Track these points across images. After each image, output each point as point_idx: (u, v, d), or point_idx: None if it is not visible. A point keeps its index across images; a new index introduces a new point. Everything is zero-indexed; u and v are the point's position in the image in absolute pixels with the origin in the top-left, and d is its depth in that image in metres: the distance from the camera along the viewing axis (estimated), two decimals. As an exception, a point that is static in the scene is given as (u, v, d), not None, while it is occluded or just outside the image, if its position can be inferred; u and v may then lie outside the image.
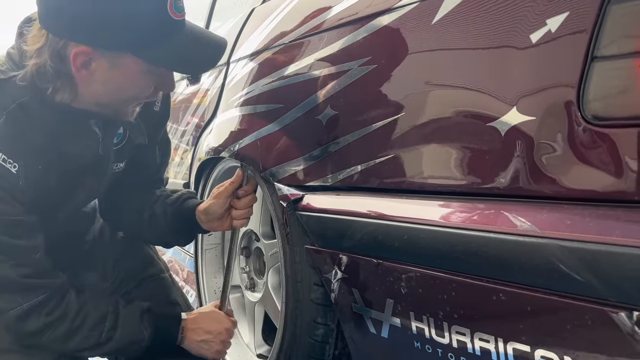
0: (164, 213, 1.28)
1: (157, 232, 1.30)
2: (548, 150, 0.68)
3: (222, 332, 1.23)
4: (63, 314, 1.10)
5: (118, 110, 1.08)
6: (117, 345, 1.15)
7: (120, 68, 0.99)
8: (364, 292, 0.98)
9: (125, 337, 1.15)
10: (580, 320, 0.64)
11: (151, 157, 1.32)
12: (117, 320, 1.15)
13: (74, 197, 1.17)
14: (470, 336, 0.78)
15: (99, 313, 1.14)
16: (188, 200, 1.30)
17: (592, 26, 0.63)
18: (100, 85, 1.01)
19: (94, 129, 1.10)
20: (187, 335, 1.21)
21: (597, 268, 0.61)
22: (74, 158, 1.09)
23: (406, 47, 0.88)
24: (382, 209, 0.90)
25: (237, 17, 1.60)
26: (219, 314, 1.26)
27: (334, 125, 1.04)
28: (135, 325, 1.16)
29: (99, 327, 1.13)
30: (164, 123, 1.32)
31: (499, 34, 0.73)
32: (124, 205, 1.33)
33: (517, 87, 0.71)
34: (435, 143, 0.84)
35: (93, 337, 1.12)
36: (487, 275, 0.73)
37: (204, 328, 1.22)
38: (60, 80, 1.00)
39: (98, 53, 0.96)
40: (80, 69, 0.98)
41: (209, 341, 1.22)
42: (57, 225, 1.15)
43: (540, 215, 0.68)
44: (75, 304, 1.12)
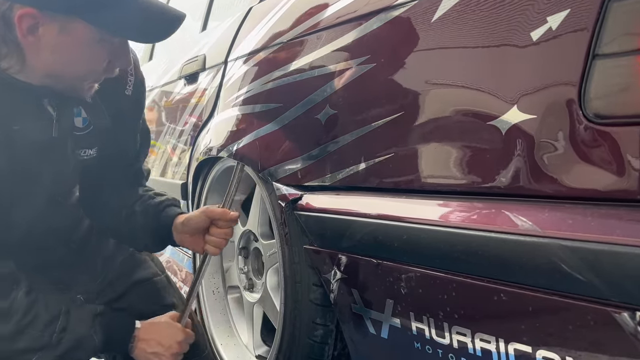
0: (143, 213, 1.23)
1: (132, 232, 1.25)
2: (549, 149, 0.68)
3: (172, 345, 1.17)
4: (9, 310, 1.04)
5: (72, 85, 1.02)
6: (67, 348, 1.08)
7: (70, 34, 0.93)
8: (363, 292, 0.97)
9: (76, 340, 1.09)
10: (582, 320, 0.64)
11: (129, 146, 1.27)
12: (68, 322, 1.09)
13: (38, 183, 1.10)
14: (471, 337, 0.77)
15: (51, 313, 1.08)
16: (171, 206, 1.25)
17: (594, 24, 0.63)
18: (49, 53, 0.95)
19: (46, 108, 1.04)
20: (138, 345, 1.15)
21: (599, 268, 0.61)
22: (24, 138, 1.02)
23: (406, 45, 0.88)
24: (382, 208, 0.90)
25: (235, 16, 1.59)
26: (173, 325, 1.20)
27: (333, 125, 1.03)
28: (86, 329, 1.10)
29: (50, 328, 1.06)
30: (139, 109, 1.26)
31: (499, 32, 0.73)
32: (102, 199, 1.28)
33: (517, 85, 0.71)
34: (435, 142, 0.83)
35: (43, 338, 1.06)
36: (488, 275, 0.73)
37: (156, 339, 1.16)
38: (6, 46, 0.94)
39: (46, 16, 0.91)
40: (26, 34, 0.92)
41: (160, 354, 1.16)
42: (33, 219, 1.10)
43: (541, 214, 0.67)
44: (24, 301, 1.05)
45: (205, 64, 1.71)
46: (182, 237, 1.21)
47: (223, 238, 1.19)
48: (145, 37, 1.06)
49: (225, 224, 1.18)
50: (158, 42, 1.03)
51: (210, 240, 1.19)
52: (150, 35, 1.02)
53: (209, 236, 1.19)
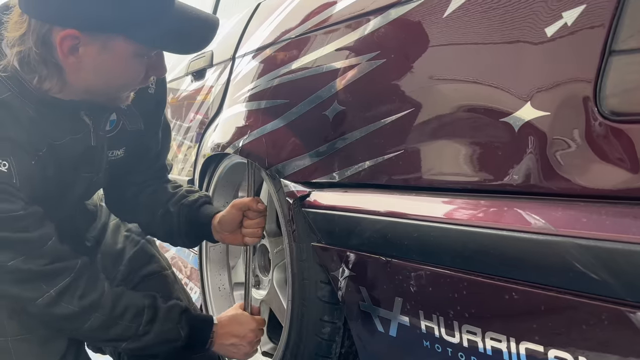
0: (177, 214, 1.27)
1: (167, 231, 1.29)
2: (563, 147, 0.67)
3: (247, 334, 1.23)
4: (98, 300, 1.09)
5: (111, 97, 1.05)
6: (152, 341, 1.13)
7: (110, 51, 0.94)
8: (372, 290, 0.97)
9: (163, 333, 1.14)
10: (595, 319, 0.63)
11: (153, 143, 1.29)
12: (156, 315, 1.14)
13: (74, 189, 1.14)
14: (481, 335, 0.77)
15: (137, 305, 1.13)
16: (205, 205, 1.29)
17: (610, 19, 0.62)
18: (89, 71, 0.97)
19: (83, 119, 1.07)
20: (216, 340, 1.21)
21: (614, 267, 0.60)
22: (66, 150, 1.06)
23: (416, 41, 0.87)
24: (392, 206, 0.89)
25: (243, 12, 1.59)
26: (244, 315, 1.26)
27: (341, 121, 1.02)
28: (173, 323, 1.16)
29: (138, 319, 1.12)
30: (162, 106, 1.29)
31: (512, 27, 0.72)
32: (128, 195, 1.31)
33: (531, 82, 0.70)
34: (445, 139, 0.82)
35: (132, 328, 1.12)
36: (500, 273, 0.72)
37: (232, 332, 1.22)
38: (47, 68, 0.96)
39: (86, 36, 0.92)
40: (67, 55, 0.93)
41: (237, 344, 1.22)
42: (61, 219, 1.13)
43: (555, 212, 0.66)
44: (110, 292, 1.12)
45: (212, 60, 1.71)
46: (222, 236, 1.27)
47: (258, 227, 1.25)
48: (183, 49, 1.09)
49: (255, 215, 1.24)
50: (196, 52, 1.06)
51: (248, 233, 1.25)
52: (189, 46, 1.04)
53: (245, 229, 1.25)
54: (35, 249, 1.03)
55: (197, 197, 1.30)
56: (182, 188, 1.34)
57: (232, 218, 1.23)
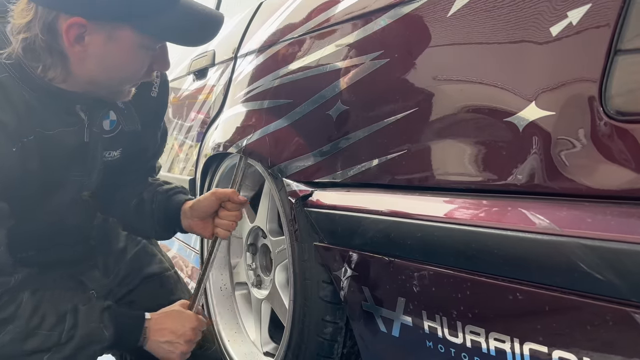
0: (151, 200, 1.24)
1: (141, 220, 1.25)
2: (568, 147, 0.66)
3: (186, 332, 1.15)
4: (15, 311, 1.02)
5: (113, 90, 1.04)
6: (77, 346, 1.07)
7: (116, 41, 0.94)
8: (374, 290, 0.96)
9: (86, 336, 1.07)
10: (600, 320, 0.63)
11: (150, 144, 1.28)
12: (77, 319, 1.07)
13: (64, 188, 1.12)
14: (485, 336, 0.76)
15: (58, 312, 1.06)
16: (179, 194, 1.26)
17: (616, 19, 0.61)
18: (94, 61, 0.96)
19: (79, 114, 1.06)
20: (150, 337, 1.14)
21: (619, 267, 0.59)
22: (55, 143, 1.03)
23: (420, 40, 0.86)
24: (395, 205, 0.89)
25: (245, 12, 1.58)
26: (184, 313, 1.19)
27: (344, 121, 1.02)
28: (95, 324, 1.09)
29: (59, 327, 1.05)
30: (163, 110, 1.28)
31: (517, 27, 0.72)
32: (117, 193, 1.30)
33: (536, 81, 0.70)
34: (449, 139, 0.82)
35: (53, 338, 1.04)
36: (504, 274, 0.72)
37: (168, 328, 1.14)
38: (52, 56, 0.95)
39: (93, 25, 0.92)
40: (73, 43, 0.93)
41: (173, 342, 1.14)
42: (52, 218, 1.12)
43: (559, 212, 0.66)
44: (30, 302, 1.04)
45: (214, 60, 1.71)
46: (191, 223, 1.21)
47: (232, 220, 1.19)
48: (188, 41, 1.07)
49: (234, 207, 1.19)
50: (201, 45, 1.06)
51: (220, 224, 1.19)
52: (193, 39, 1.04)
53: (218, 219, 1.19)
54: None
55: (172, 186, 1.27)
56: (159, 180, 1.31)
57: (208, 204, 1.18)
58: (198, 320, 1.19)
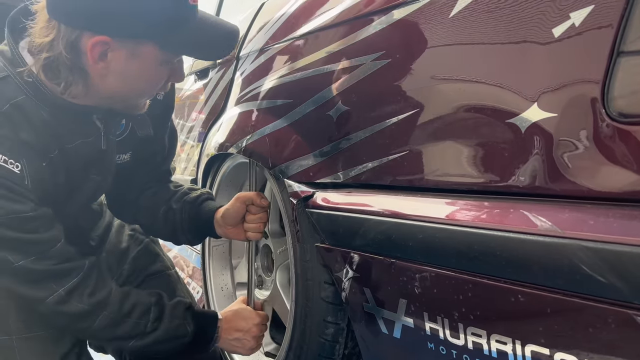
0: (180, 210, 1.28)
1: (170, 228, 1.29)
2: (570, 148, 0.66)
3: (251, 328, 1.23)
4: (107, 297, 1.10)
5: (130, 103, 1.06)
6: (160, 338, 1.14)
7: (138, 58, 0.96)
8: (376, 291, 0.96)
9: (170, 329, 1.15)
10: (602, 323, 0.62)
11: (159, 148, 1.30)
12: (162, 312, 1.15)
13: (82, 192, 1.15)
14: (486, 338, 0.76)
15: (144, 302, 1.14)
16: (208, 201, 1.30)
17: (619, 20, 0.61)
18: (115, 77, 0.98)
19: (95, 123, 1.08)
20: (222, 335, 1.21)
21: (622, 269, 0.59)
22: (77, 154, 1.07)
23: (422, 41, 0.86)
24: (396, 206, 0.89)
25: (247, 12, 1.58)
26: (248, 310, 1.27)
27: (345, 121, 1.02)
28: (180, 320, 1.17)
29: (146, 316, 1.13)
30: (169, 112, 1.30)
31: (519, 28, 0.71)
32: (130, 198, 1.32)
33: (538, 83, 0.69)
34: (451, 140, 0.82)
35: (140, 325, 1.12)
36: (506, 276, 0.71)
37: (236, 326, 1.23)
38: (73, 74, 0.97)
39: (117, 42, 0.93)
40: (97, 61, 0.94)
41: (241, 339, 1.23)
42: (67, 220, 1.14)
43: (561, 214, 0.66)
44: (118, 290, 1.12)
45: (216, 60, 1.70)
46: (225, 230, 1.27)
47: (260, 222, 1.25)
48: (207, 55, 1.12)
49: (258, 210, 1.24)
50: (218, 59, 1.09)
51: (250, 228, 1.26)
52: (213, 53, 1.07)
53: (247, 224, 1.26)
54: (45, 250, 1.03)
55: (199, 193, 1.31)
56: (184, 186, 1.35)
57: (236, 211, 1.24)
58: (260, 316, 1.26)
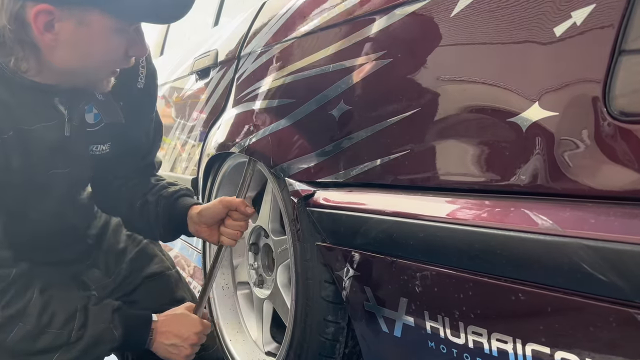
0: (155, 203, 1.22)
1: (145, 222, 1.24)
2: (572, 147, 0.66)
3: (190, 336, 1.17)
4: (24, 309, 1.02)
5: (90, 79, 1.02)
6: (86, 345, 1.07)
7: (87, 26, 0.91)
8: (376, 290, 0.96)
9: (96, 336, 1.08)
10: (603, 321, 0.63)
11: (142, 140, 1.26)
12: (87, 319, 1.08)
13: (52, 183, 1.10)
14: (487, 336, 0.76)
15: (67, 310, 1.06)
16: (185, 197, 1.24)
17: (620, 19, 0.61)
18: (67, 48, 0.93)
19: (58, 107, 1.03)
20: (157, 338, 1.15)
21: (623, 268, 0.59)
22: (36, 138, 1.01)
23: (423, 40, 0.86)
24: (398, 206, 0.89)
25: (248, 11, 1.58)
26: (190, 317, 1.20)
27: (347, 121, 1.02)
28: (105, 324, 1.10)
29: (68, 326, 1.05)
30: (152, 102, 1.25)
31: (521, 27, 0.71)
32: (113, 190, 1.28)
33: (539, 82, 0.69)
34: (452, 139, 0.82)
35: (62, 336, 1.05)
36: (507, 274, 0.72)
37: (174, 331, 1.16)
38: (23, 48, 0.93)
39: (62, 11, 0.89)
40: (43, 32, 0.90)
41: (178, 345, 1.16)
42: (46, 217, 1.10)
43: (562, 213, 0.66)
44: (39, 299, 1.04)
45: (217, 59, 1.71)
46: (198, 228, 1.21)
47: (238, 230, 1.19)
48: (160, 19, 1.02)
49: (240, 217, 1.18)
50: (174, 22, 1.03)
51: (225, 232, 1.19)
52: (166, 16, 1.00)
53: (224, 228, 1.19)
54: None
55: (177, 188, 1.26)
56: (164, 180, 1.30)
57: (216, 212, 1.18)
58: (203, 324, 1.20)
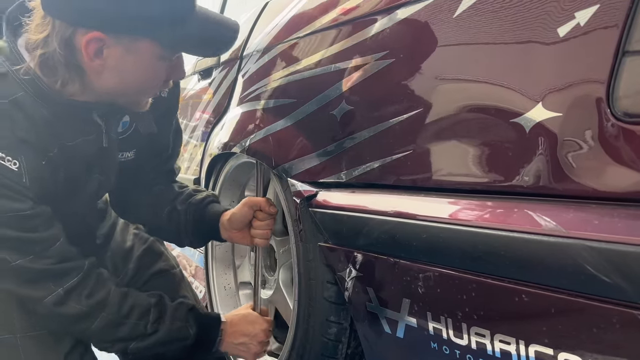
0: (185, 212, 1.27)
1: (174, 230, 1.29)
2: (575, 148, 0.66)
3: (258, 333, 1.22)
4: (105, 298, 1.09)
5: (130, 100, 1.05)
6: (161, 339, 1.12)
7: (134, 54, 0.95)
8: (379, 291, 0.96)
9: (172, 331, 1.13)
10: (607, 323, 0.62)
11: (164, 146, 1.29)
12: (164, 313, 1.13)
13: (84, 190, 1.14)
14: (490, 338, 0.76)
15: (143, 304, 1.13)
16: (213, 203, 1.29)
17: (624, 19, 0.61)
18: (112, 73, 0.97)
19: (96, 120, 1.07)
20: (225, 339, 1.20)
21: (627, 270, 0.59)
22: (77, 152, 1.06)
23: (426, 41, 0.86)
24: (400, 206, 0.88)
25: (251, 11, 1.58)
26: (254, 315, 1.26)
27: (349, 121, 1.02)
28: (182, 322, 1.15)
29: (145, 318, 1.11)
30: (174, 110, 1.29)
31: (524, 27, 0.71)
32: (134, 197, 1.31)
33: (543, 82, 0.69)
34: (455, 140, 0.82)
35: (139, 327, 1.11)
36: (510, 275, 0.71)
37: (242, 331, 1.21)
38: (69, 71, 0.96)
39: (112, 39, 0.92)
40: (92, 58, 0.93)
41: (247, 343, 1.21)
42: (73, 219, 1.14)
43: (566, 214, 0.66)
44: (117, 291, 1.11)
45: (219, 59, 1.71)
46: (230, 234, 1.26)
47: (267, 229, 1.24)
48: (206, 52, 1.09)
49: (265, 216, 1.23)
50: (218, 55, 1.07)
51: (257, 234, 1.25)
52: (211, 49, 1.05)
53: (254, 230, 1.24)
54: (43, 249, 1.03)
55: (204, 195, 1.30)
56: (189, 187, 1.34)
57: (243, 215, 1.23)
58: (267, 322, 1.25)
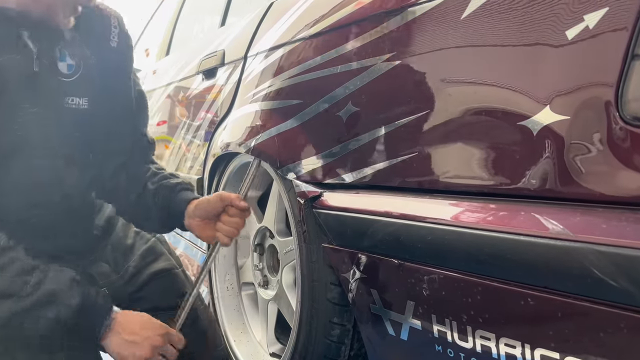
0: (154, 193, 1.20)
1: (140, 211, 1.21)
2: (583, 151, 0.66)
3: (155, 337, 1.06)
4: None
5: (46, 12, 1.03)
6: (37, 303, 0.99)
7: None
8: (383, 293, 0.96)
9: (50, 294, 1.00)
10: (614, 327, 0.62)
11: (124, 101, 1.23)
12: (45, 278, 1.01)
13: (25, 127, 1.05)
14: (495, 341, 0.76)
15: (26, 264, 1.01)
16: (185, 190, 1.21)
17: (634, 23, 0.61)
18: None
19: (27, 42, 1.03)
20: (115, 328, 1.04)
21: (634, 274, 0.59)
22: (4, 70, 1.00)
23: (433, 42, 0.86)
24: (405, 208, 0.88)
25: (255, 12, 1.58)
26: (154, 320, 1.10)
27: (354, 122, 1.02)
28: (65, 286, 1.02)
29: (23, 277, 0.99)
30: (127, 63, 1.24)
31: (532, 30, 0.71)
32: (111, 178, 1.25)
33: (551, 85, 0.69)
34: (461, 141, 0.82)
35: (15, 285, 0.98)
36: (516, 279, 0.71)
37: (135, 330, 1.06)
38: None
39: None
40: None
41: (138, 342, 1.04)
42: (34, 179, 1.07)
43: (573, 218, 0.65)
44: (3, 239, 1.00)
45: (224, 59, 1.71)
46: (191, 222, 1.17)
47: (233, 227, 1.15)
48: None
49: (236, 213, 1.15)
50: None
51: (222, 229, 1.15)
52: None
53: (220, 224, 1.15)
54: None
55: (178, 181, 1.23)
56: (166, 170, 1.27)
57: (211, 205, 1.15)
58: (171, 333, 1.10)
